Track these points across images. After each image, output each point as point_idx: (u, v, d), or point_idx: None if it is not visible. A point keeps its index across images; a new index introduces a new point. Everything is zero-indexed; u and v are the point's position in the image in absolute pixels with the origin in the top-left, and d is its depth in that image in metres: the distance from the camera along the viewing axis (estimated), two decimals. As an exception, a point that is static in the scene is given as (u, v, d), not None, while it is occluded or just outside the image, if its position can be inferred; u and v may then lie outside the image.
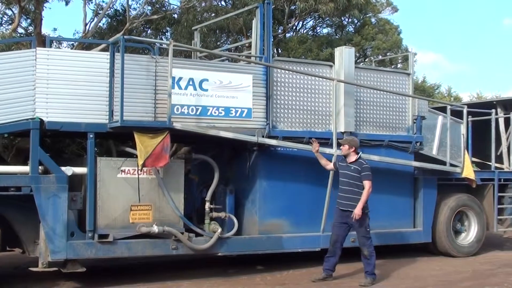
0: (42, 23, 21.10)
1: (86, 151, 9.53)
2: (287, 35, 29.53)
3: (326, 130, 11.09)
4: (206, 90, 9.96)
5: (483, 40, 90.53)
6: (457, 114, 13.43)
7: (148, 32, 25.36)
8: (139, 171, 9.42)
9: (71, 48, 21.26)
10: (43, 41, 15.53)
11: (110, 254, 9.38)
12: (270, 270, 10.76)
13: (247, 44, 15.62)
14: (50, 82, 9.12)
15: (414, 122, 12.18)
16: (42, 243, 9.02)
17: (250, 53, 11.60)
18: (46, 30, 25.26)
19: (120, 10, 24.98)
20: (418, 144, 12.21)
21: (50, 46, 10.49)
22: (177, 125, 9.45)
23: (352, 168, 9.79)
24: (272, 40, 12.00)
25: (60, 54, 9.83)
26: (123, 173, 9.43)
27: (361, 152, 10.12)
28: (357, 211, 9.60)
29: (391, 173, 11.82)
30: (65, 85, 9.17)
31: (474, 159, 14.82)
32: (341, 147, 10.06)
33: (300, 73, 10.94)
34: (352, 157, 9.89)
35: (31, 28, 22.70)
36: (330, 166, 10.35)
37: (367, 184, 9.68)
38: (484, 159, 15.96)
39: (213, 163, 10.45)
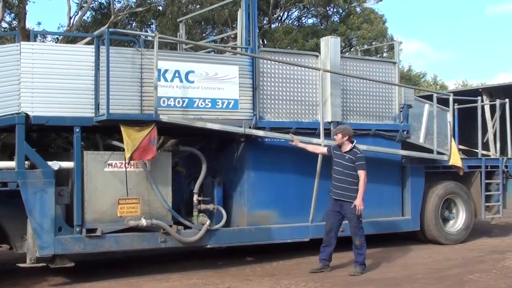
0: (26, 17, 20.94)
1: (72, 145, 9.48)
2: (273, 25, 29.56)
3: (313, 120, 11.08)
4: (192, 82, 9.92)
5: (467, 28, 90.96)
6: (443, 102, 13.46)
7: (133, 24, 25.30)
8: (126, 164, 9.38)
9: (56, 42, 21.17)
10: (28, 35, 15.42)
11: (99, 249, 9.33)
12: (260, 261, 10.76)
13: (232, 35, 15.60)
14: (35, 77, 9.05)
15: (401, 111, 12.20)
16: (30, 239, 8.97)
17: (235, 44, 11.58)
18: (30, 24, 25.23)
19: (105, 3, 24.93)
20: (405, 132, 12.23)
21: (35, 40, 10.39)
22: (164, 118, 9.41)
23: (347, 157, 9.77)
24: (258, 31, 12.00)
25: (44, 48, 9.74)
26: (110, 166, 9.38)
27: (355, 141, 10.11)
28: (358, 203, 9.59)
29: (379, 162, 11.82)
30: (50, 79, 9.10)
31: (461, 147, 14.89)
32: (334, 137, 10.04)
33: (286, 63, 10.92)
34: (347, 146, 9.86)
35: (15, 23, 22.58)
36: (320, 149, 10.33)
37: (362, 174, 9.65)
38: (471, 146, 16.04)
39: (200, 155, 10.42)
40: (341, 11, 31.30)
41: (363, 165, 9.70)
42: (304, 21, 32.15)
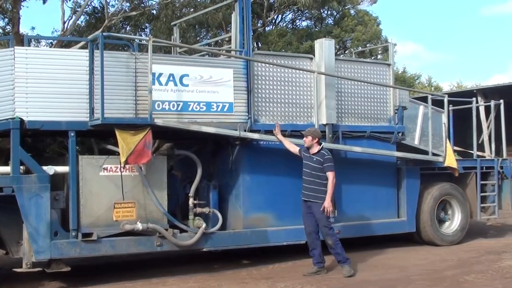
0: (20, 22, 20.96)
1: (67, 150, 9.47)
2: (267, 28, 29.58)
3: (308, 122, 11.09)
4: (187, 85, 9.92)
5: (462, 29, 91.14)
6: (438, 103, 13.48)
7: (127, 28, 25.32)
8: (121, 168, 9.37)
9: (50, 47, 21.15)
10: (21, 40, 15.45)
11: (95, 253, 9.32)
12: (256, 264, 10.76)
13: (227, 39, 15.61)
14: (29, 81, 9.03)
15: (396, 113, 12.21)
16: (26, 244, 8.95)
17: (230, 47, 11.58)
18: (24, 29, 25.17)
19: (98, 7, 24.93)
20: (400, 134, 12.25)
21: (29, 45, 10.40)
22: (159, 121, 9.41)
23: (315, 159, 9.79)
24: (252, 34, 12.00)
25: (38, 52, 9.78)
26: (105, 171, 9.38)
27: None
28: (327, 204, 9.63)
29: (374, 164, 11.86)
30: (44, 84, 9.10)
31: (456, 148, 14.89)
32: (304, 139, 10.00)
33: (280, 66, 10.93)
34: (315, 148, 9.86)
35: (8, 27, 22.60)
36: (293, 148, 10.28)
37: (330, 175, 9.69)
38: (466, 147, 16.06)
39: (195, 158, 10.41)
40: (335, 13, 31.31)
41: (331, 166, 9.73)
42: (298, 23, 32.18)
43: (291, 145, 10.36)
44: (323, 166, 9.71)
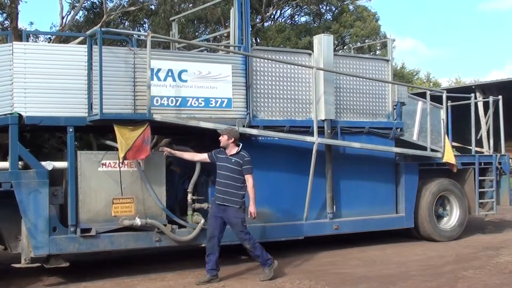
0: (18, 17, 20.94)
1: (66, 145, 9.47)
2: (265, 24, 29.58)
3: (306, 118, 11.09)
4: (186, 81, 9.91)
5: (460, 25, 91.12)
6: (436, 99, 13.49)
7: (126, 24, 25.27)
8: (120, 164, 9.37)
9: (48, 42, 21.12)
10: (20, 35, 15.40)
11: (93, 248, 9.33)
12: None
13: (225, 34, 15.60)
14: (27, 77, 9.03)
15: (394, 108, 12.21)
16: (24, 239, 8.96)
17: (228, 43, 11.58)
18: (22, 24, 25.13)
19: (97, 2, 24.87)
20: (398, 130, 12.25)
21: (27, 40, 10.39)
22: (157, 117, 9.41)
23: (233, 160, 9.25)
24: (251, 29, 11.99)
25: (37, 48, 9.75)
26: (104, 166, 9.37)
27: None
28: (252, 210, 9.26)
29: (373, 160, 11.86)
30: (43, 79, 9.09)
31: (454, 144, 14.93)
32: (220, 138, 9.35)
33: (279, 61, 10.92)
34: (233, 149, 9.32)
35: (7, 23, 22.53)
36: (199, 156, 9.85)
37: (249, 178, 9.21)
38: (464, 143, 16.10)
39: (194, 154, 10.39)
40: (334, 9, 31.33)
41: (250, 169, 9.26)
42: (297, 19, 32.19)
43: (193, 155, 9.93)
44: (242, 168, 9.21)
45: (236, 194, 9.19)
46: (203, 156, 9.72)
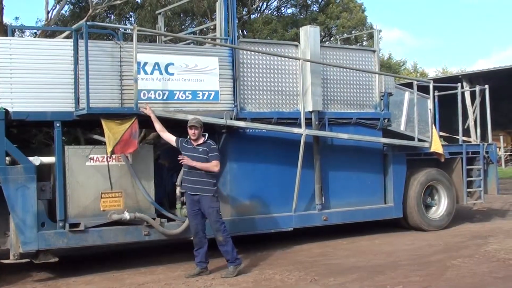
0: (3, 12, 20.80)
1: (53, 140, 9.44)
2: (252, 16, 29.56)
3: (294, 110, 11.10)
4: (172, 74, 9.90)
5: (446, 15, 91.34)
6: (423, 89, 13.52)
7: (112, 17, 25.21)
8: (108, 158, 9.36)
9: (34, 37, 21.03)
10: (5, 31, 15.34)
11: (82, 243, 9.32)
12: (244, 252, 10.75)
13: (212, 27, 15.57)
14: (13, 72, 8.99)
15: (381, 99, 12.24)
16: (13, 235, 8.95)
17: (215, 35, 11.55)
18: (7, 19, 24.96)
19: (83, -4, 24.77)
20: (386, 120, 12.28)
21: (12, 35, 10.33)
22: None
23: (201, 150, 9.18)
24: (237, 21, 11.98)
25: (22, 43, 9.73)
26: (91, 161, 9.35)
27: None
28: (186, 160, 9.06)
29: (360, 151, 11.90)
30: (29, 74, 9.05)
31: (441, 134, 14.98)
32: (194, 131, 9.18)
33: (266, 53, 10.92)
34: (200, 139, 9.27)
35: (-8, 18, 22.38)
36: (168, 136, 9.59)
37: (215, 163, 9.13)
38: (452, 133, 16.15)
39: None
40: (320, 0, 31.31)
41: (218, 156, 9.23)
42: (283, 11, 32.20)
43: (164, 131, 9.64)
44: (209, 155, 9.15)
45: (208, 183, 9.14)
46: (171, 138, 9.56)
